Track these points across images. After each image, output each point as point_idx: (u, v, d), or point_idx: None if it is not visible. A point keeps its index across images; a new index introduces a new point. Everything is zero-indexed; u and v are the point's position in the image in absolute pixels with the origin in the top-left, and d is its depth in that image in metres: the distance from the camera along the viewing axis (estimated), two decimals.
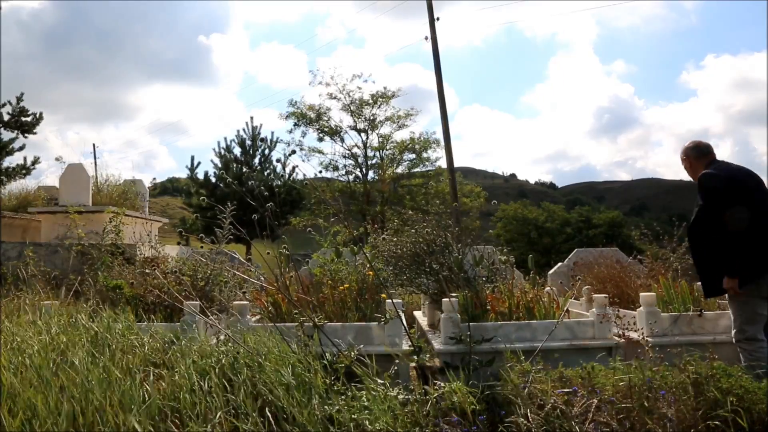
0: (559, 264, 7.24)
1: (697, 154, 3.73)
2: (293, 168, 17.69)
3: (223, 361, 2.71)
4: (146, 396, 2.32)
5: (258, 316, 4.40)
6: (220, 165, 18.71)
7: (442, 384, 2.90)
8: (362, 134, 25.70)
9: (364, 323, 3.97)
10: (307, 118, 25.08)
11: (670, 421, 2.65)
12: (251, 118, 21.05)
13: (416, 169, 26.18)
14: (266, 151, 19.43)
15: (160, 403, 2.32)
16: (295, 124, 25.10)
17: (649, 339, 3.96)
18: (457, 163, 17.52)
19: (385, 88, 25.27)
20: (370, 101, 24.99)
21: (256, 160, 19.29)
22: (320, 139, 25.76)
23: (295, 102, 25.25)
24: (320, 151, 25.72)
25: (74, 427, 2.18)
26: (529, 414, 2.67)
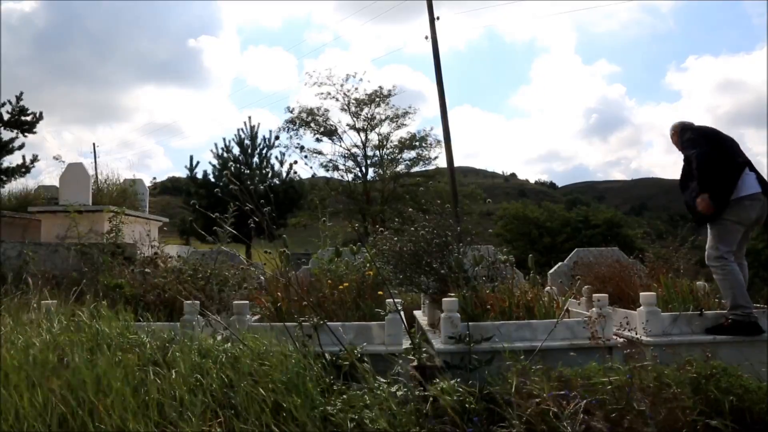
0: (559, 264, 7.22)
1: (683, 128, 4.60)
2: (291, 166, 17.71)
3: (223, 359, 2.71)
4: (145, 395, 2.32)
5: (258, 316, 4.40)
6: (218, 165, 18.75)
7: (441, 383, 2.90)
8: (361, 133, 25.73)
9: (363, 323, 3.97)
10: (302, 120, 25.12)
11: (651, 419, 2.65)
12: (249, 117, 21.09)
13: (416, 169, 26.21)
14: (264, 151, 19.47)
15: (160, 401, 2.32)
16: (291, 129, 25.12)
17: (649, 339, 3.96)
18: (455, 163, 17.51)
19: (380, 87, 25.32)
20: (368, 101, 25.01)
21: (255, 160, 19.31)
22: (318, 140, 25.80)
23: (293, 109, 25.30)
24: (320, 152, 25.77)
25: (64, 428, 2.18)
26: (520, 414, 2.67)
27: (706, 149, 4.22)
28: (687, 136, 4.42)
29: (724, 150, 4.29)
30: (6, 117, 13.69)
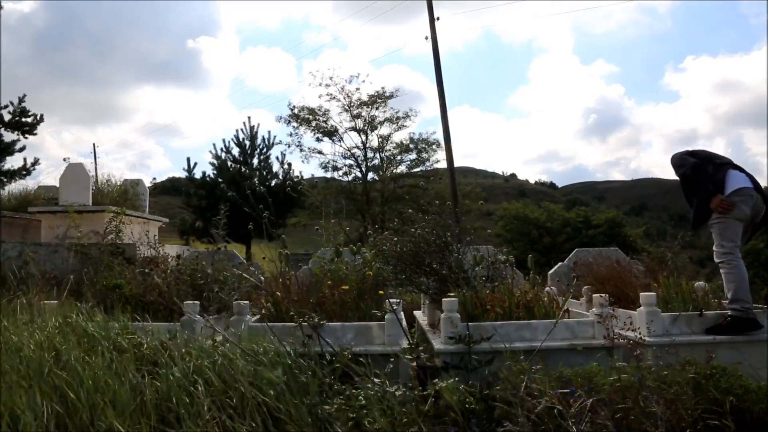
0: (559, 264, 7.22)
1: (673, 156, 4.79)
2: (289, 165, 17.73)
3: (220, 361, 2.70)
4: (141, 396, 2.31)
5: (258, 316, 4.40)
6: (217, 165, 18.72)
7: (441, 383, 2.89)
8: (361, 134, 25.71)
9: (363, 323, 3.96)
10: (303, 119, 25.14)
11: (662, 420, 2.65)
12: (248, 118, 21.02)
13: (416, 170, 26.20)
14: (264, 151, 19.46)
15: (156, 402, 2.31)
16: (290, 124, 25.16)
17: (649, 339, 3.95)
18: (455, 163, 17.52)
19: (382, 88, 25.30)
20: (369, 102, 25.00)
21: (255, 160, 19.30)
22: (318, 140, 25.81)
23: (294, 107, 25.32)
24: (320, 152, 25.77)
25: (61, 428, 2.17)
26: (525, 413, 2.67)
27: (694, 160, 4.52)
28: (677, 156, 4.71)
29: (709, 159, 4.59)
30: (7, 118, 13.70)
